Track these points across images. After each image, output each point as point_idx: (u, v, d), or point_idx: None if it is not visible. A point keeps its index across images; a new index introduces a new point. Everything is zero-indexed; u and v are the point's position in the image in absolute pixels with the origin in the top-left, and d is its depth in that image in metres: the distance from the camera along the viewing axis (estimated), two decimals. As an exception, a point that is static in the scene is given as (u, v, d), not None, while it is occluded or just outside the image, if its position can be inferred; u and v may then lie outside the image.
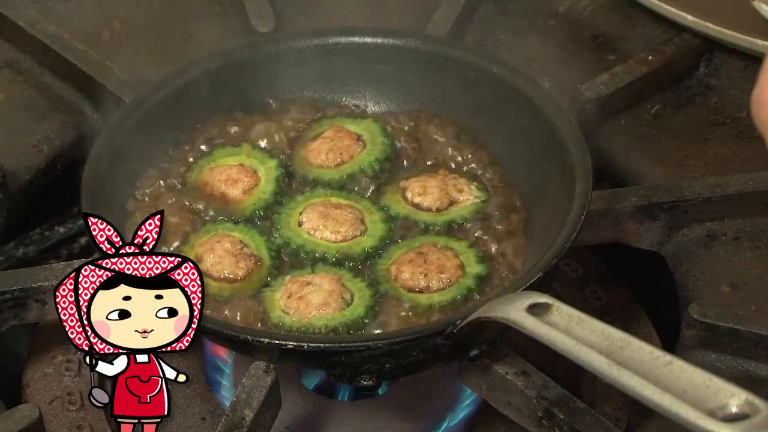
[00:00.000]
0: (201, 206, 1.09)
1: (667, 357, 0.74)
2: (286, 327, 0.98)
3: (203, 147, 1.15)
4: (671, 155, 1.23)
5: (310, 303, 0.98)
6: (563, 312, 0.83)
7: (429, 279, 1.01)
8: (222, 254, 1.03)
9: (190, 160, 1.14)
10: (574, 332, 0.80)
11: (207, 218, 1.09)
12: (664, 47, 1.29)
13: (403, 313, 0.98)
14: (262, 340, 0.92)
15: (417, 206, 1.09)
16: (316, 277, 1.01)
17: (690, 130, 1.25)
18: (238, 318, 0.99)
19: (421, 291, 1.01)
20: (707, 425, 0.68)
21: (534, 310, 0.84)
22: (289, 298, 1.00)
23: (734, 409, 0.70)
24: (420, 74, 1.18)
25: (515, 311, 0.84)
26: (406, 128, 1.16)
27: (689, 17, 1.27)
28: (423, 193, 1.09)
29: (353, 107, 1.20)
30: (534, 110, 1.10)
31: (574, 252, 1.17)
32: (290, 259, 1.05)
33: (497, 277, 1.02)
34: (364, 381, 0.94)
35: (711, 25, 1.26)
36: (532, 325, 0.82)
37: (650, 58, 1.28)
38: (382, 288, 1.01)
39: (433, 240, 1.05)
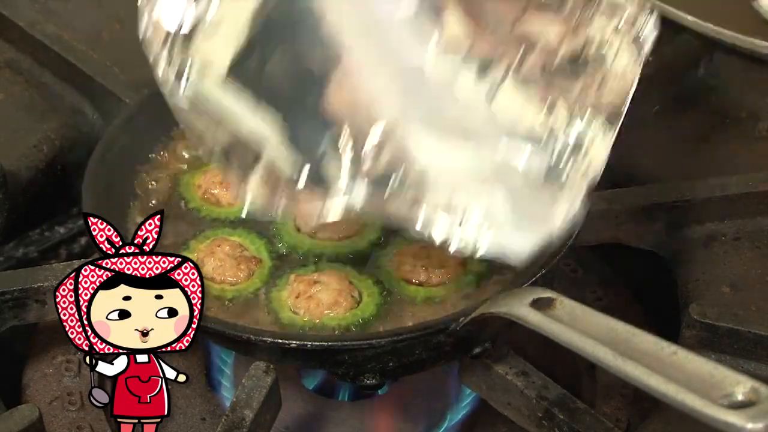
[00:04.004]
0: (196, 208, 1.09)
1: (672, 347, 0.75)
2: (298, 327, 0.97)
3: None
4: (671, 155, 1.23)
5: (321, 302, 0.98)
6: (567, 306, 0.83)
7: (429, 272, 1.01)
8: (222, 257, 1.03)
9: (188, 160, 1.14)
10: (579, 325, 0.80)
11: (201, 218, 1.08)
12: (664, 47, 1.29)
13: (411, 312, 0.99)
14: (264, 339, 0.92)
15: None
16: (322, 275, 1.00)
17: (690, 130, 1.25)
18: (244, 319, 0.99)
19: (420, 284, 1.01)
20: (713, 413, 0.69)
21: (538, 304, 0.84)
22: (297, 297, 0.99)
23: (740, 397, 0.70)
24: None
25: (519, 306, 0.84)
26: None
27: (689, 17, 1.27)
28: None
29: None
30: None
31: (574, 252, 1.17)
32: (291, 257, 1.04)
33: (496, 276, 1.02)
34: (368, 380, 0.94)
35: (711, 25, 1.26)
36: (536, 319, 0.82)
37: (650, 58, 1.28)
38: (382, 278, 1.01)
39: None
